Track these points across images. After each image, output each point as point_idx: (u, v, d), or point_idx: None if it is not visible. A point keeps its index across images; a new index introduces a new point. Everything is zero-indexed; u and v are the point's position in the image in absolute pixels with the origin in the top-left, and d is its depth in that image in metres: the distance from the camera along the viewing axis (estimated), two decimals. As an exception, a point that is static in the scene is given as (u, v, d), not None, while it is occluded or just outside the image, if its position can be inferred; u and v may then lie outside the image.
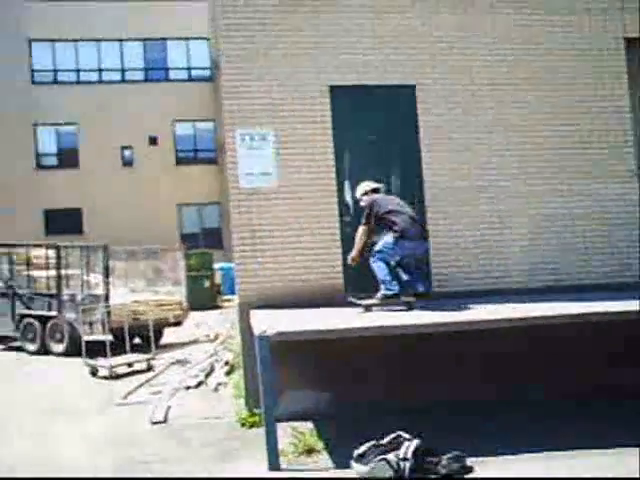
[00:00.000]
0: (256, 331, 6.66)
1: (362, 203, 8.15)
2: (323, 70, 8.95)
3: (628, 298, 7.60)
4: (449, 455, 6.02)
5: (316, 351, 7.84)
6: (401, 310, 7.80)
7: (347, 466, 6.13)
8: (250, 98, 8.73)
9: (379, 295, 7.83)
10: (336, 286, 8.64)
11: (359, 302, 7.91)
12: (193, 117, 31.89)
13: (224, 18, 8.84)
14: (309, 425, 7.69)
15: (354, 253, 7.99)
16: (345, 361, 8.12)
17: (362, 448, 6.11)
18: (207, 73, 32.46)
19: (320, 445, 6.96)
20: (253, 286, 8.54)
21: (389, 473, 5.83)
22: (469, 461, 6.09)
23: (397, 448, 6.00)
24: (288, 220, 8.67)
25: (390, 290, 7.77)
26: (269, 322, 6.86)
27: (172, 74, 32.62)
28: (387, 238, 7.86)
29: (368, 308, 7.81)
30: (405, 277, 7.98)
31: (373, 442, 6.14)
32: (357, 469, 6.02)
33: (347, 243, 8.44)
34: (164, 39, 32.37)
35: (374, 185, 8.30)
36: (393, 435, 6.19)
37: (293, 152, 8.80)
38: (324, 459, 6.63)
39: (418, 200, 8.98)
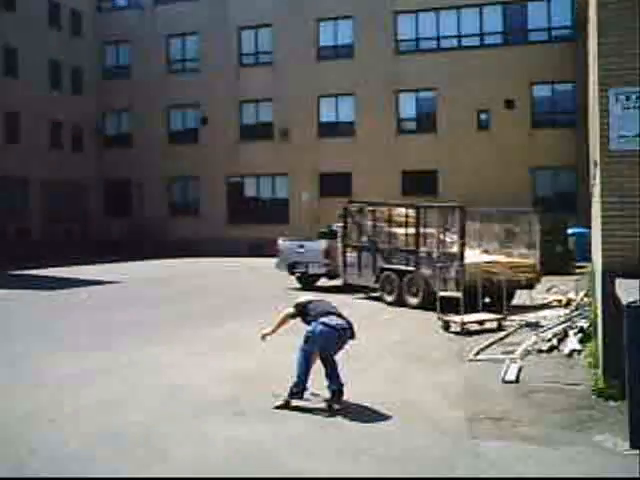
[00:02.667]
0: (624, 301, 6.33)
1: None
2: None
3: None
4: None
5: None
6: None
7: None
8: (629, 55, 8.15)
9: None
10: None
11: None
12: (551, 79, 30.87)
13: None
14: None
15: None
16: None
17: None
18: (568, 32, 31.05)
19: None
20: (617, 253, 8.09)
21: None
22: None
23: None
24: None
25: None
26: (637, 293, 6.46)
27: (531, 36, 31.80)
28: None
29: None
30: None
31: None
32: None
33: None
34: (524, 0, 31.63)
35: None
36: None
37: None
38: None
39: None
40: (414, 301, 15.33)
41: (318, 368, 7.61)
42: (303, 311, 7.98)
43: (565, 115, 30.98)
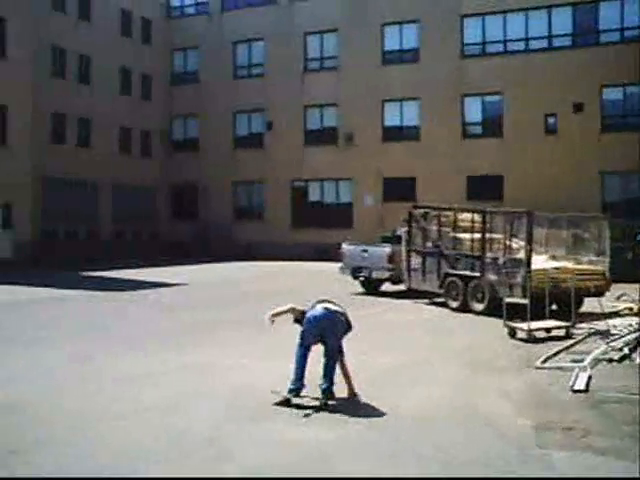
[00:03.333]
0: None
1: None
2: None
3: None
4: None
5: None
6: None
7: None
8: None
9: None
10: None
11: None
12: (623, 81, 30.05)
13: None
14: None
15: None
16: None
17: None
18: (640, 33, 30.21)
19: None
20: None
21: None
22: None
23: None
24: None
25: None
26: None
27: (602, 37, 31.03)
28: None
29: None
30: None
31: None
32: None
33: None
34: (595, 1, 30.89)
35: None
36: None
37: None
38: None
39: None
40: (479, 307, 15.14)
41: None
42: (301, 319, 8.15)
43: (637, 118, 30.13)
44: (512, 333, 12.21)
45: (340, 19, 35.40)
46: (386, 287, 19.99)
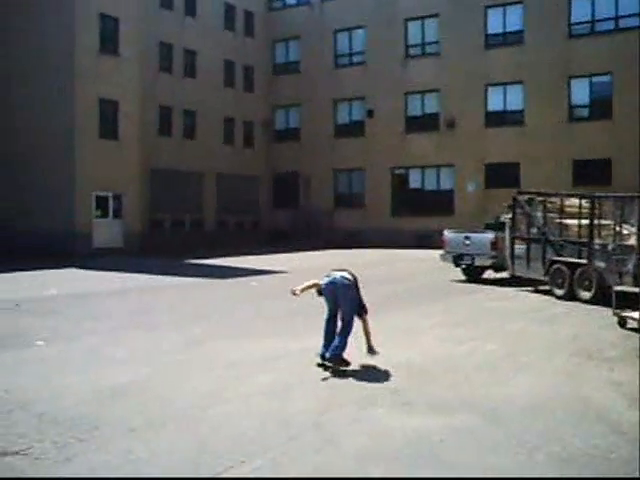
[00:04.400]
0: None
1: None
2: None
3: None
4: None
5: None
6: None
7: None
8: None
9: None
10: None
11: None
12: None
13: None
14: None
15: None
16: None
17: None
18: None
19: None
20: None
21: None
22: None
23: None
24: None
25: None
26: None
27: None
28: None
29: None
30: None
31: None
32: None
33: None
34: None
35: None
36: None
37: None
38: None
39: None
40: (586, 295, 14.70)
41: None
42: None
43: None
44: (622, 323, 11.79)
45: (441, 4, 34.90)
46: (488, 274, 19.70)
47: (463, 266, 19.58)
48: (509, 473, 5.39)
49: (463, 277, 19.67)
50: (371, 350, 8.91)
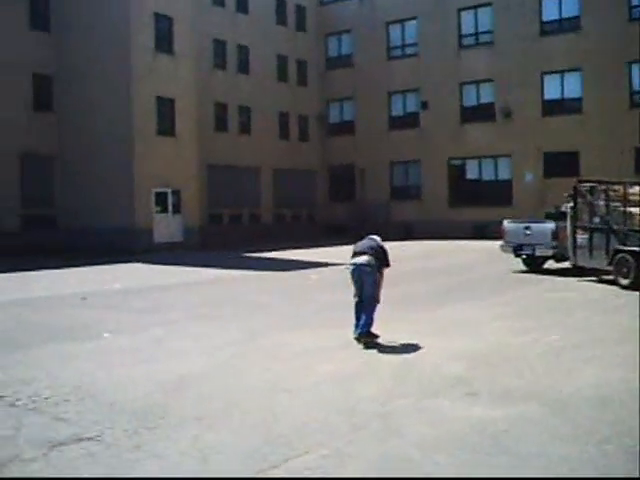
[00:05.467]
0: None
1: None
2: None
3: None
4: None
5: None
6: None
7: None
8: None
9: None
10: None
11: None
12: None
13: None
14: None
15: None
16: None
17: None
18: None
19: None
20: None
21: None
22: None
23: None
24: None
25: None
26: None
27: None
28: None
29: None
30: None
31: None
32: None
33: None
34: None
35: None
36: None
37: None
38: None
39: None
40: (653, 285, 14.35)
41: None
42: None
43: None
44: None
45: (495, -9, 34.38)
46: (549, 265, 19.38)
47: (523, 256, 19.30)
48: (575, 464, 5.32)
49: (524, 267, 19.39)
50: (376, 299, 9.71)
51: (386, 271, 10.06)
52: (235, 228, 35.12)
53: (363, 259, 9.66)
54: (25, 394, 7.32)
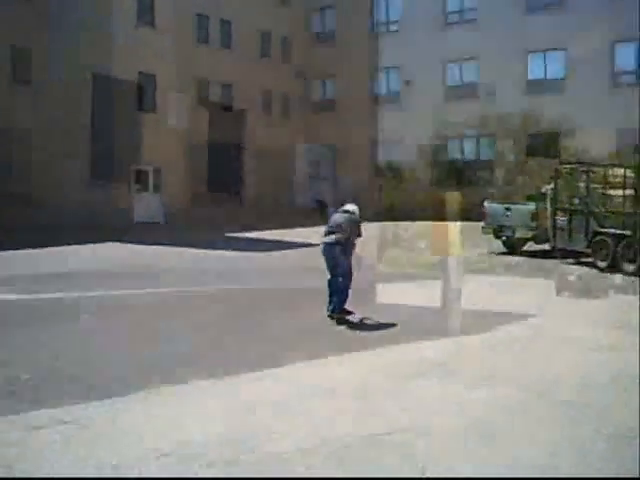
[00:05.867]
0: None
1: None
2: None
3: None
4: None
5: None
6: None
7: None
8: None
9: None
10: None
11: None
12: None
13: None
14: None
15: None
16: None
17: None
18: None
19: None
20: None
21: None
22: None
23: None
24: None
25: None
26: None
27: None
28: None
29: None
30: None
31: None
32: None
33: None
34: None
35: None
36: None
37: None
38: None
39: None
40: (630, 267, 14.47)
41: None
42: None
43: None
44: (667, 295, 11.61)
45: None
46: (529, 246, 19.44)
47: (503, 238, 19.35)
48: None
49: (504, 249, 19.44)
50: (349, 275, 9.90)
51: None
52: (218, 208, 34.79)
53: (331, 238, 9.95)
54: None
